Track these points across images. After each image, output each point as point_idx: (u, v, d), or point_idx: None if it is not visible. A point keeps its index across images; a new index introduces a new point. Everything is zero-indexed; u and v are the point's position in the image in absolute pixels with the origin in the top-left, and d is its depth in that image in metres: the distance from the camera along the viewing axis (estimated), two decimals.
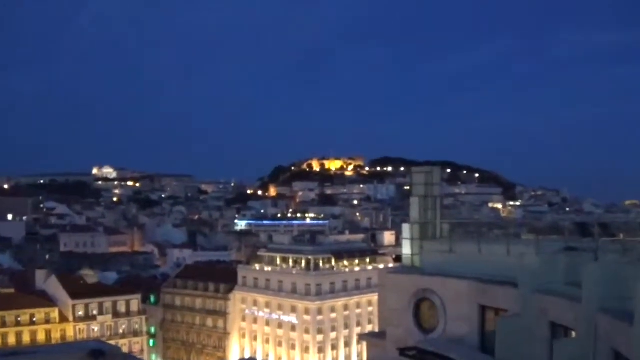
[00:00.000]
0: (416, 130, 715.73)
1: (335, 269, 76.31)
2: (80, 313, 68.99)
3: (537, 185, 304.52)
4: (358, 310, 75.90)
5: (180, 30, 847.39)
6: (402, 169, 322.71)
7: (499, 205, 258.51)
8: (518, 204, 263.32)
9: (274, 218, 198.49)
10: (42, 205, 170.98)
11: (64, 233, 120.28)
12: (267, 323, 75.77)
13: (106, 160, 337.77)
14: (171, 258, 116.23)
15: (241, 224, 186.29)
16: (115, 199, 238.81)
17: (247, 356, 74.57)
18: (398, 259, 24.25)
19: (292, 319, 73.18)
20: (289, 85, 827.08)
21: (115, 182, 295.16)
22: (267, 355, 75.47)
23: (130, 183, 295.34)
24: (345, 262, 77.89)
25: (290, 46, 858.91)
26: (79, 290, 69.41)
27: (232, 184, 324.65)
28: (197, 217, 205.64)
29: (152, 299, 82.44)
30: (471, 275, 17.47)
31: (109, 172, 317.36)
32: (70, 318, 68.14)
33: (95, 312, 69.90)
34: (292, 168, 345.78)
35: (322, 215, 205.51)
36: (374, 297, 66.78)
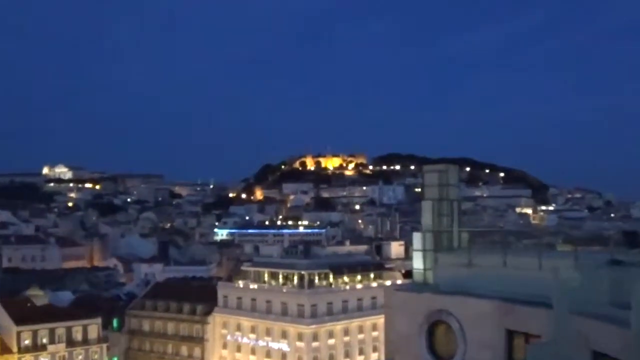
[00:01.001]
0: (428, 121, 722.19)
1: (333, 286, 76.38)
2: (27, 342, 68.49)
3: (574, 186, 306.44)
4: (360, 336, 75.82)
5: (144, 6, 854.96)
6: (412, 167, 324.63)
7: (528, 210, 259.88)
8: (551, 208, 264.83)
9: (261, 226, 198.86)
10: None
11: (8, 245, 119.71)
12: (253, 351, 75.61)
13: (59, 157, 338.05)
14: (138, 274, 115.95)
15: (222, 233, 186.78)
16: (70, 204, 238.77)
17: None
18: (408, 274, 24.22)
19: (283, 346, 73.03)
20: (278, 70, 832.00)
21: (71, 184, 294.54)
22: None
23: (88, 185, 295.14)
24: (346, 278, 77.93)
25: (281, 23, 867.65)
26: (25, 315, 68.83)
27: (211, 186, 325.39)
28: (169, 225, 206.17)
29: (115, 323, 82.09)
30: (495, 294, 17.38)
31: (62, 171, 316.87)
32: (14, 348, 67.51)
33: (45, 341, 69.41)
34: (282, 167, 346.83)
35: (318, 223, 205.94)
36: (380, 320, 66.73)
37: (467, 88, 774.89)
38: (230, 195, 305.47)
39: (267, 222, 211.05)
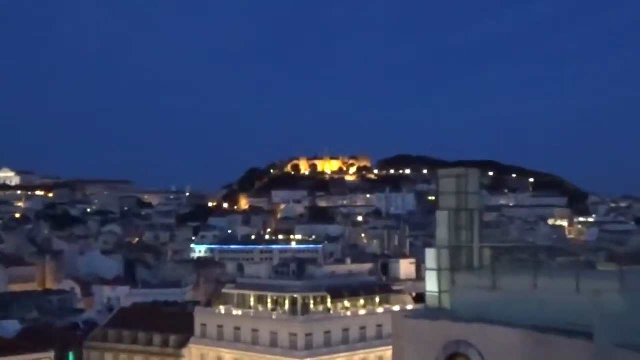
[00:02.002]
0: (443, 118, 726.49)
1: (332, 312, 76.44)
2: None
3: (620, 193, 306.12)
4: None
5: None
6: (425, 171, 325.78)
7: (564, 222, 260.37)
8: (591, 220, 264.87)
9: (246, 241, 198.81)
10: None
11: None
12: None
13: (4, 160, 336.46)
14: (100, 298, 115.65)
15: (200, 250, 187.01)
16: (17, 215, 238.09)
17: None
18: (420, 298, 24.31)
19: None
20: (265, 59, 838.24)
21: (19, 192, 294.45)
22: None
23: (39, 192, 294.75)
24: (346, 303, 77.96)
25: (264, 9, 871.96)
26: None
27: (187, 194, 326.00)
28: (137, 239, 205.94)
29: (71, 357, 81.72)
30: (524, 322, 17.33)
31: (8, 176, 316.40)
32: None
33: None
34: (271, 171, 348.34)
35: (314, 237, 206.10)
36: (387, 352, 66.42)
37: (487, 80, 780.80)
38: (210, 204, 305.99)
39: (253, 237, 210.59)
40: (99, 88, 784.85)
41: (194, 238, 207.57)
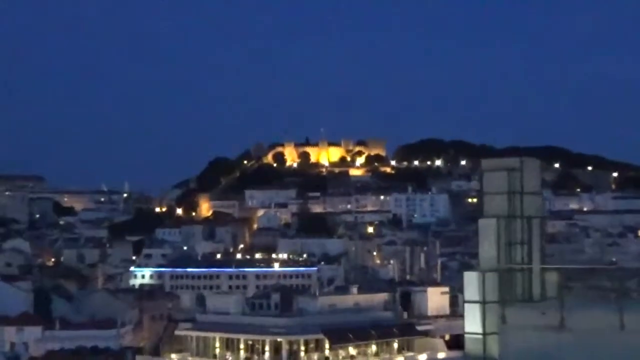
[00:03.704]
0: (487, 86, 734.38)
1: None
2: None
3: None
4: None
5: None
6: (463, 162, 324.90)
7: None
8: None
9: (209, 262, 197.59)
10: None
11: None
12: None
13: None
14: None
15: (143, 275, 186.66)
16: None
17: None
18: (456, 342, 24.35)
19: None
20: (238, 14, 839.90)
21: None
22: None
23: None
24: (351, 350, 78.16)
25: None
26: None
27: (125, 195, 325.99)
28: (52, 260, 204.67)
29: None
30: None
31: None
32: None
33: None
34: (244, 162, 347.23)
35: (305, 256, 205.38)
36: None
37: (547, 30, 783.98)
38: (158, 210, 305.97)
39: (218, 256, 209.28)
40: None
41: (134, 258, 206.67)
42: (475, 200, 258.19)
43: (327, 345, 76.96)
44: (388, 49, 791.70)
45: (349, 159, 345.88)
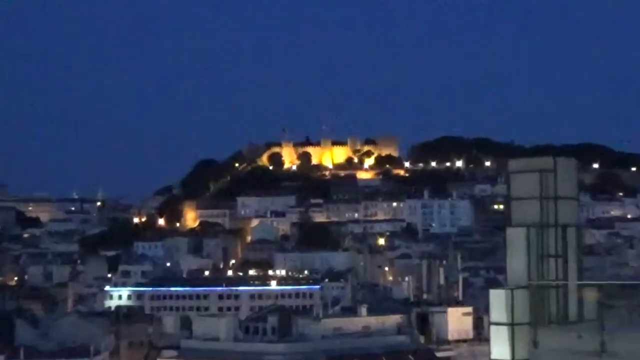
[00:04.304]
0: (516, 76, 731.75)
1: None
2: None
3: None
4: None
5: None
6: (488, 163, 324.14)
7: None
8: None
9: (196, 279, 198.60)
10: None
11: None
12: None
13: None
14: None
15: (120, 295, 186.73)
16: None
17: None
18: None
19: None
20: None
21: None
22: None
23: None
24: None
25: None
26: None
27: (98, 203, 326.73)
28: (15, 279, 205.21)
29: None
30: None
31: None
32: None
33: None
34: (236, 165, 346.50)
35: (306, 273, 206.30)
36: None
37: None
38: (136, 220, 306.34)
39: (206, 273, 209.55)
40: None
41: (110, 276, 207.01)
42: (501, 206, 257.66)
43: None
44: (398, 36, 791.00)
45: (356, 160, 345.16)
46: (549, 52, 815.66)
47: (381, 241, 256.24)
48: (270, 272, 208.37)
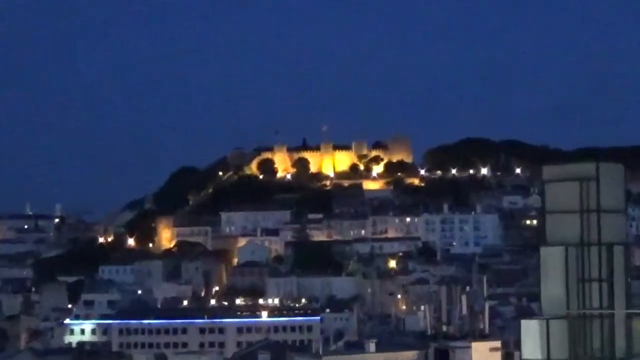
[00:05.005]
0: (549, 68, 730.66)
1: None
2: None
3: None
4: None
5: None
6: (518, 170, 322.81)
7: None
8: None
9: (173, 309, 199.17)
10: None
11: None
12: None
13: None
14: None
15: (82, 328, 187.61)
16: None
17: None
18: None
19: None
20: None
21: None
22: None
23: None
24: None
25: None
26: None
27: (57, 220, 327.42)
28: None
29: None
30: None
31: None
32: None
33: None
34: (220, 173, 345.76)
35: (304, 301, 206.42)
36: None
37: None
38: (101, 240, 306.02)
39: (185, 302, 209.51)
40: None
41: (70, 306, 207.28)
42: (534, 221, 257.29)
43: None
44: (411, 22, 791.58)
45: (362, 167, 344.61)
46: (593, 36, 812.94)
47: (392, 263, 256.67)
48: (261, 301, 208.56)
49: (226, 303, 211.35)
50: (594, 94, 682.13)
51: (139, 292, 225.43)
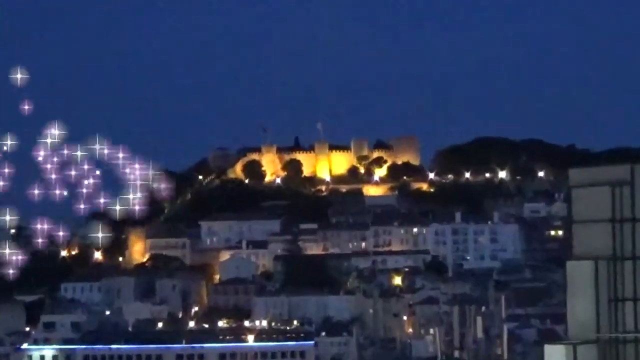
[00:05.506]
0: (575, 60, 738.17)
1: None
2: None
3: None
4: None
5: None
6: (541, 173, 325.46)
7: None
8: None
9: (146, 333, 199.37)
10: None
11: None
12: None
13: None
14: None
15: (42, 354, 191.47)
16: None
17: None
18: None
19: None
20: None
21: None
22: None
23: None
24: None
25: None
26: None
27: (13, 231, 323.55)
28: None
29: None
30: None
31: None
32: None
33: None
34: (200, 177, 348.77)
35: (295, 324, 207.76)
36: None
37: None
38: (64, 253, 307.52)
39: (160, 324, 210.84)
40: None
41: (28, 329, 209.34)
42: (560, 232, 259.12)
43: None
44: (417, 10, 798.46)
45: (362, 170, 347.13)
46: (619, 26, 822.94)
47: (397, 280, 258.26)
48: (247, 323, 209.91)
49: (207, 326, 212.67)
50: (626, 89, 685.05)
51: (107, 312, 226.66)
